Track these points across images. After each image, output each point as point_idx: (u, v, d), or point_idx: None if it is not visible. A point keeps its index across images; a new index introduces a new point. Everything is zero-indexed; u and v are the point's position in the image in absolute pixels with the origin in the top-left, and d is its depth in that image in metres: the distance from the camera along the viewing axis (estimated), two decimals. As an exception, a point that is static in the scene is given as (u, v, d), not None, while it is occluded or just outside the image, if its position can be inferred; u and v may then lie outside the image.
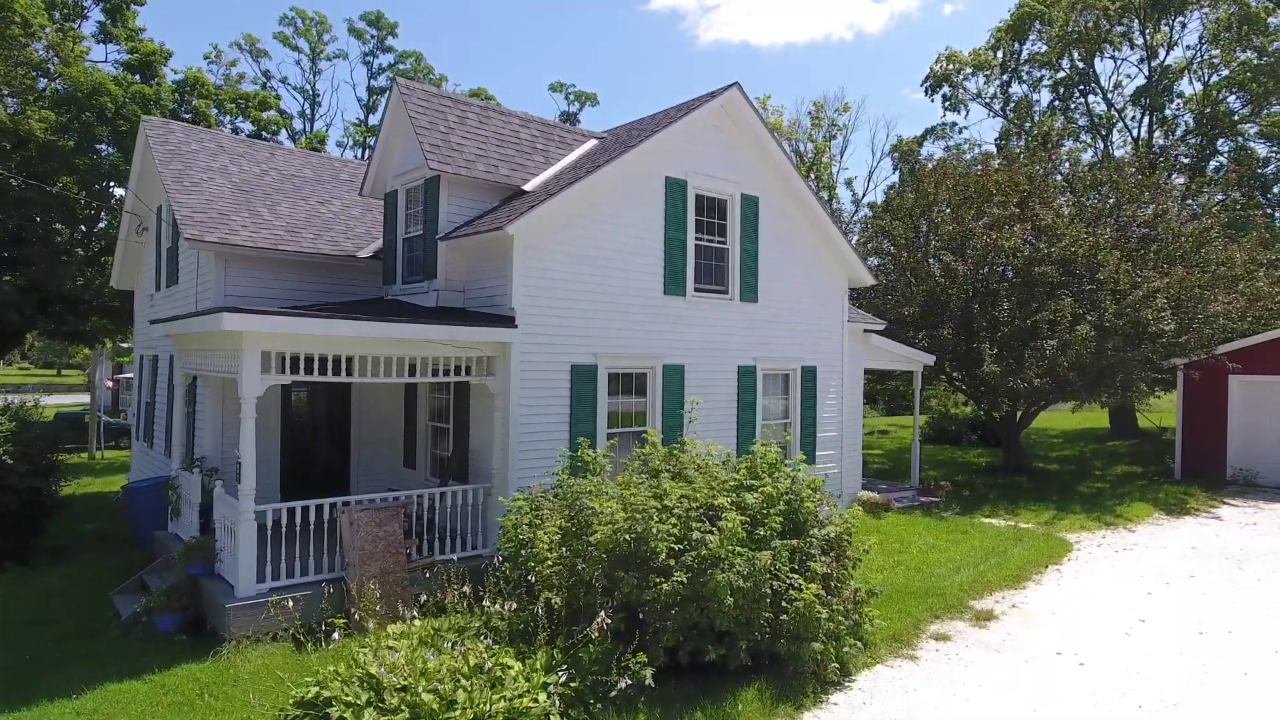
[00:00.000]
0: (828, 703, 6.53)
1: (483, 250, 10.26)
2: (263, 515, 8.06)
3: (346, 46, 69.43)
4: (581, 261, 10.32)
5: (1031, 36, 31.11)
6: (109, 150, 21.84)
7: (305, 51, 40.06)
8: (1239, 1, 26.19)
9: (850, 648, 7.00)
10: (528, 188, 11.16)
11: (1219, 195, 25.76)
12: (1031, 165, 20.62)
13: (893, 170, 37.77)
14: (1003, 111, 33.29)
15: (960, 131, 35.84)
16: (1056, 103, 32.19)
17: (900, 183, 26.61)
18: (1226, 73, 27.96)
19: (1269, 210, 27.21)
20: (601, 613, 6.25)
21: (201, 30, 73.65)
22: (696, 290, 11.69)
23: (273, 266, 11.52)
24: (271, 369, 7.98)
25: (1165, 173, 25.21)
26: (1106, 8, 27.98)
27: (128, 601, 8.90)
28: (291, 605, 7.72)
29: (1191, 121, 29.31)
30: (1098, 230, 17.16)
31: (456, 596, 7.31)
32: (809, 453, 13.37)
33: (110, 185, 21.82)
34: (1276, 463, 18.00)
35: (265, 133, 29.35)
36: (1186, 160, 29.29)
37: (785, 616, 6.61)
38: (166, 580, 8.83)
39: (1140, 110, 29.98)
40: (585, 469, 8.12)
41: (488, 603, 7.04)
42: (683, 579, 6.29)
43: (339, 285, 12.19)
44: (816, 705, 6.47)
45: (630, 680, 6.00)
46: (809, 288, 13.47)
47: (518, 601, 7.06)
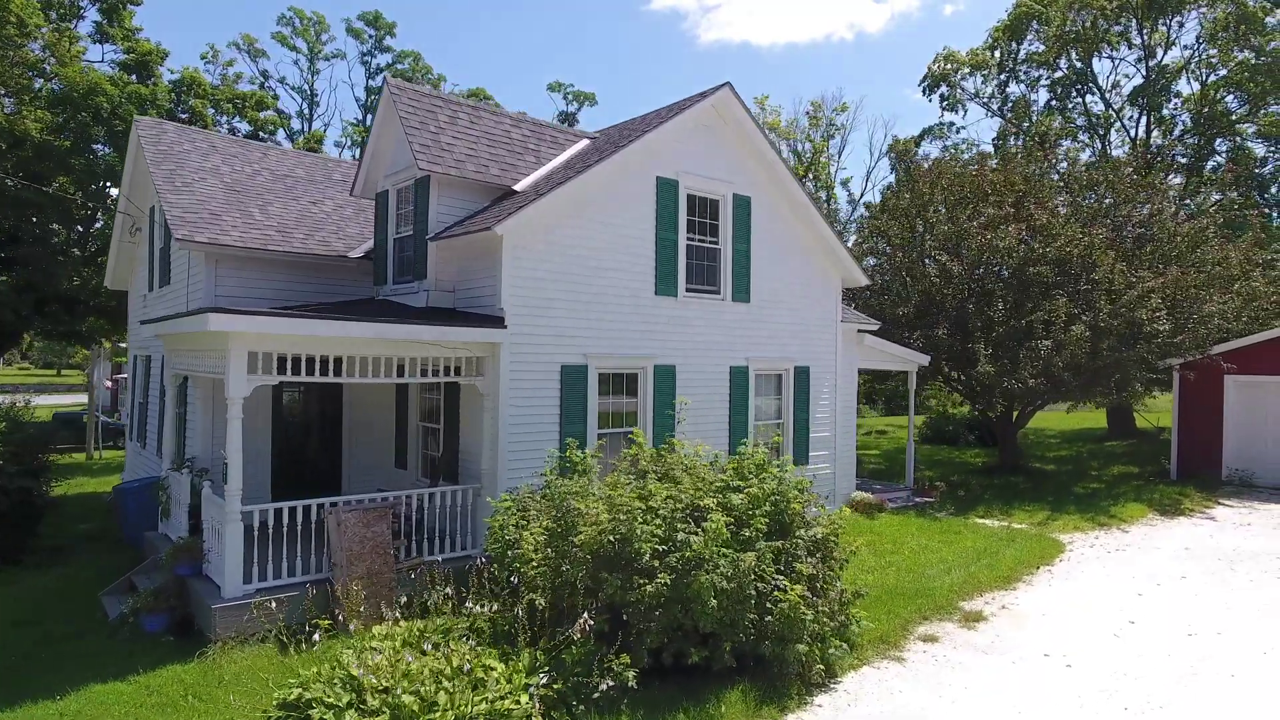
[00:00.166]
0: (812, 704, 6.51)
1: (472, 251, 10.25)
2: (249, 516, 8.06)
3: (344, 46, 69.28)
4: (572, 262, 10.29)
5: (1029, 36, 31.04)
6: (105, 150, 21.84)
7: (303, 51, 40.13)
8: (1236, 1, 26.15)
9: (836, 649, 6.98)
10: (518, 188, 11.14)
11: (1216, 195, 25.71)
12: (1028, 165, 20.57)
13: (890, 170, 37.71)
14: (1000, 111, 33.25)
15: (958, 131, 35.92)
16: (1054, 102, 32.14)
17: (896, 183, 26.56)
18: (1224, 72, 27.94)
19: (1265, 210, 27.15)
20: (584, 614, 6.24)
21: (199, 30, 73.85)
22: (688, 290, 11.67)
23: (263, 267, 11.51)
24: (258, 369, 7.96)
25: (1162, 173, 25.17)
26: (1104, 7, 27.92)
27: (116, 602, 8.90)
28: (275, 606, 7.70)
29: (1189, 121, 29.28)
30: (1093, 230, 17.13)
31: (441, 598, 7.29)
32: (802, 453, 13.35)
33: (106, 185, 21.80)
34: (1272, 463, 17.97)
35: (262, 133, 29.34)
36: (1184, 160, 29.26)
37: (770, 618, 6.60)
38: (154, 581, 8.84)
39: (1138, 110, 29.95)
40: (574, 470, 8.12)
41: (471, 604, 7.02)
42: (666, 580, 6.27)
43: (330, 285, 12.18)
44: (801, 707, 6.45)
45: (613, 682, 5.99)
46: (802, 288, 13.44)
47: (502, 603, 7.05)
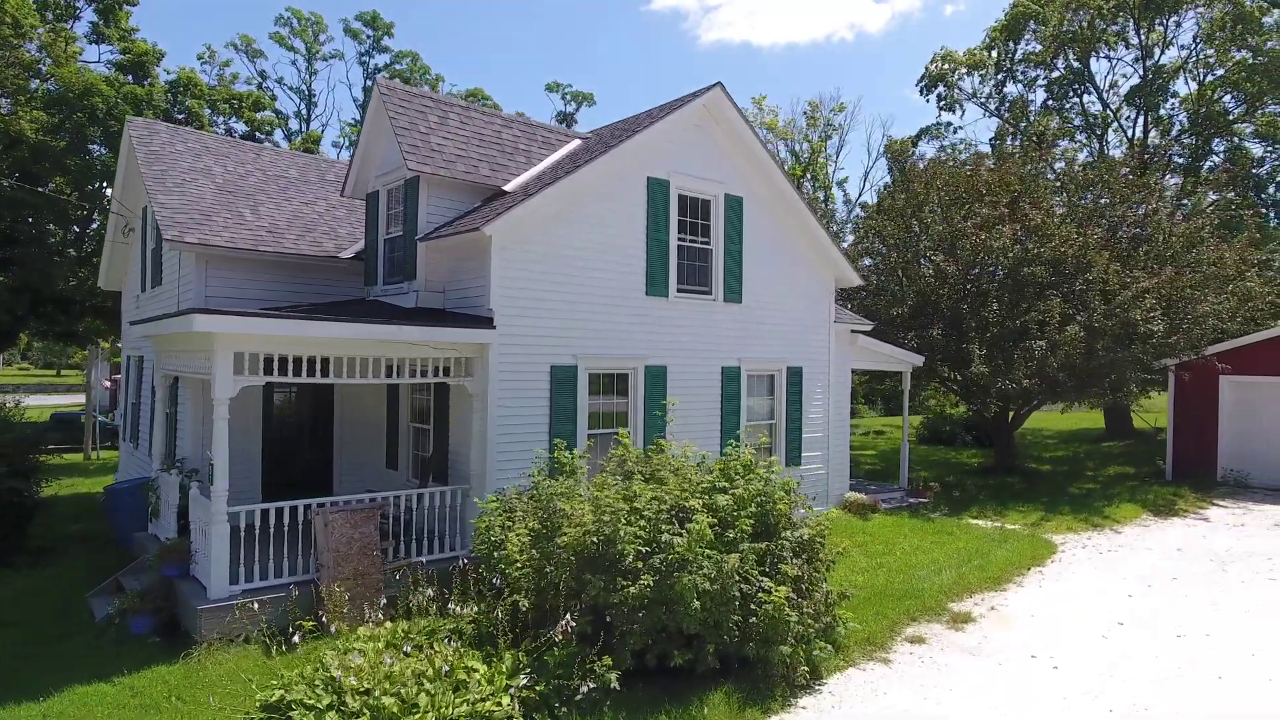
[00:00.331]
0: (796, 706, 6.49)
1: (462, 251, 10.24)
2: (237, 517, 8.05)
3: (342, 46, 69.41)
4: (561, 262, 10.28)
5: (1026, 36, 31.01)
6: (101, 151, 21.87)
7: (301, 52, 40.14)
8: (1233, 1, 26.13)
9: (821, 651, 6.96)
10: (508, 188, 11.13)
11: (1212, 195, 25.69)
12: (1023, 165, 20.54)
13: (887, 171, 37.68)
14: (998, 111, 33.23)
15: (955, 131, 35.78)
16: (1051, 102, 32.12)
17: (891, 183, 26.54)
18: (1221, 72, 27.93)
19: (1261, 210, 27.12)
20: (567, 615, 6.23)
21: (196, 31, 73.97)
22: (679, 291, 11.65)
23: (253, 268, 11.50)
24: (245, 370, 7.95)
25: (1158, 173, 25.14)
26: (1100, 7, 27.90)
27: (103, 604, 8.88)
28: (258, 608, 7.68)
29: (1186, 121, 29.25)
30: (1088, 230, 17.11)
31: (425, 599, 7.28)
32: (794, 454, 13.34)
33: (102, 186, 21.84)
34: (1267, 464, 17.95)
35: (259, 133, 29.37)
36: (1181, 160, 29.23)
37: (754, 619, 6.58)
38: (142, 582, 8.83)
39: (1135, 110, 29.92)
40: (562, 470, 8.11)
41: (454, 605, 7.01)
42: (650, 582, 6.25)
43: (321, 286, 12.16)
44: (784, 709, 6.43)
45: (595, 684, 5.97)
46: (795, 288, 13.42)
47: (486, 604, 7.03)
